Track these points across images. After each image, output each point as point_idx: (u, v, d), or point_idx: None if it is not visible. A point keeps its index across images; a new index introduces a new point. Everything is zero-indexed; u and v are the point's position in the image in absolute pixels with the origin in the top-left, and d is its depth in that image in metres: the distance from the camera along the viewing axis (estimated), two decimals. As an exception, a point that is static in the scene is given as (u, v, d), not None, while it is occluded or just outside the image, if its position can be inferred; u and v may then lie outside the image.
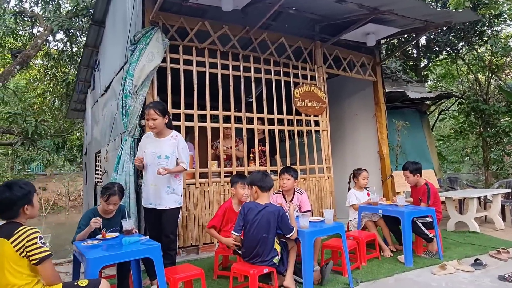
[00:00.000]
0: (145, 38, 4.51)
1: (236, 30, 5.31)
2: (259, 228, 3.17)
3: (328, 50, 6.26)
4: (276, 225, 3.18)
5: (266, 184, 3.32)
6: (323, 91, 6.05)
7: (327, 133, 6.03)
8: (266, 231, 3.15)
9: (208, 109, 4.99)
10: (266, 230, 3.15)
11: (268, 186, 3.34)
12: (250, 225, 3.23)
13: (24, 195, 2.25)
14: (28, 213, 2.29)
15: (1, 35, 11.98)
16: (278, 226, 3.20)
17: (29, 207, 2.28)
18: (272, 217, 3.16)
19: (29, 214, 2.30)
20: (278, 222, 3.17)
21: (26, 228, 2.17)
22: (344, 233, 3.65)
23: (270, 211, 3.20)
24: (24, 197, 2.25)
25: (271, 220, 3.16)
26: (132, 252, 2.75)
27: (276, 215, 3.17)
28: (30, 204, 2.29)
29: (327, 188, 5.88)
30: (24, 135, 8.89)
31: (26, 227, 2.18)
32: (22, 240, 2.11)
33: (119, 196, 3.23)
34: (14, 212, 2.23)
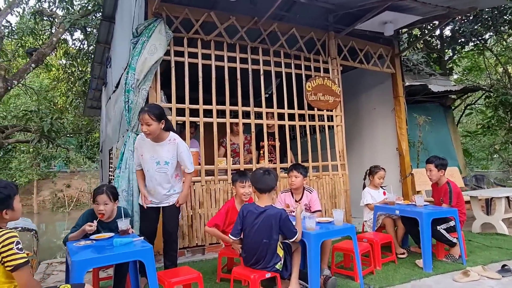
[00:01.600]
0: (147, 31, 4.34)
1: (244, 21, 5.07)
2: (259, 232, 2.94)
3: (342, 41, 5.94)
4: (278, 230, 2.93)
5: (263, 186, 3.06)
6: (337, 84, 5.74)
7: (341, 128, 5.72)
8: (267, 236, 2.92)
9: (214, 104, 4.79)
10: (266, 235, 2.92)
11: (266, 188, 3.06)
12: (249, 229, 3.00)
13: (1, 200, 2.10)
14: (8, 217, 2.14)
15: (21, 34, 12.21)
16: (281, 230, 2.95)
17: (8, 211, 2.13)
18: (273, 221, 2.92)
19: (9, 218, 2.15)
20: (280, 226, 2.93)
21: (2, 231, 2.00)
22: (355, 236, 3.37)
23: (270, 214, 2.95)
24: (1, 203, 2.10)
25: (272, 224, 2.92)
26: (122, 254, 2.58)
27: (278, 219, 2.92)
28: (10, 209, 2.14)
29: (341, 187, 5.58)
30: (40, 132, 8.97)
31: (2, 230, 2.01)
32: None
33: (108, 195, 3.02)
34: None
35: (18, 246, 2.00)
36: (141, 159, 3.50)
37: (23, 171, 15.16)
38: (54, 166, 25.83)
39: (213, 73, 4.83)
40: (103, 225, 3.10)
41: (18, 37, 12.37)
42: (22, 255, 2.00)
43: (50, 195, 25.65)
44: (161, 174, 3.42)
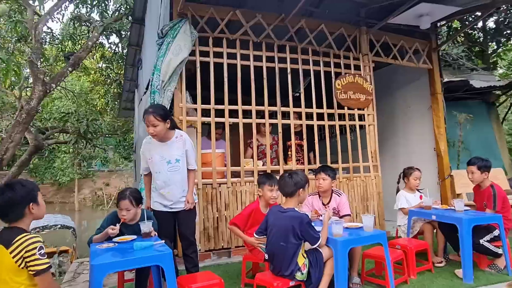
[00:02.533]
0: (172, 31, 4.32)
1: (271, 18, 4.95)
2: (277, 234, 2.84)
3: (375, 36, 5.66)
4: (297, 235, 2.78)
5: (286, 189, 2.96)
6: (369, 82, 5.48)
7: (373, 128, 5.46)
8: (284, 239, 2.79)
9: (240, 104, 4.70)
10: (283, 238, 2.79)
11: (288, 191, 2.95)
12: (270, 230, 2.93)
13: (27, 193, 2.11)
14: (34, 212, 2.13)
15: (61, 40, 12.75)
16: (302, 236, 2.81)
17: (34, 206, 2.13)
18: (291, 225, 2.78)
19: (35, 213, 2.14)
20: (300, 231, 2.78)
21: (26, 237, 1.99)
22: (386, 243, 3.16)
23: (291, 217, 2.82)
24: (28, 195, 2.11)
25: (291, 227, 2.78)
26: (141, 259, 2.53)
27: (297, 224, 2.77)
28: (36, 203, 2.14)
29: (374, 189, 5.31)
30: (77, 133, 9.31)
31: (26, 235, 2.00)
32: (21, 251, 1.95)
33: (131, 201, 3.00)
34: (19, 213, 2.08)
35: (40, 252, 2.00)
36: (150, 163, 3.43)
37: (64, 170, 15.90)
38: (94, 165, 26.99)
39: (238, 72, 4.74)
40: (127, 227, 3.09)
41: (58, 42, 12.94)
42: (44, 261, 2.00)
43: (90, 193, 26.82)
44: (174, 173, 3.35)
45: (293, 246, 2.80)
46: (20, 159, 8.92)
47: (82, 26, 13.05)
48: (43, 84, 8.00)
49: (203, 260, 4.31)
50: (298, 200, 3.04)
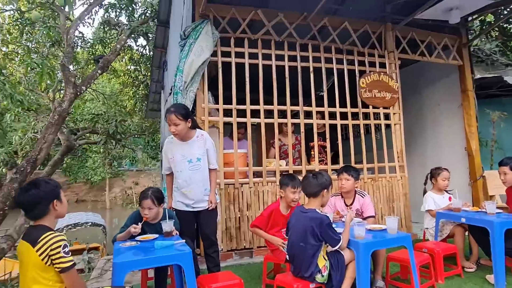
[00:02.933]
0: (194, 32, 4.37)
1: (293, 17, 4.90)
2: (296, 235, 2.82)
3: (401, 33, 5.50)
4: (316, 236, 2.73)
5: (308, 189, 2.94)
6: (394, 80, 5.32)
7: (399, 127, 5.30)
8: (303, 239, 2.76)
9: (262, 104, 4.69)
10: (302, 238, 2.76)
11: (310, 191, 2.92)
12: (290, 230, 2.91)
13: (51, 190, 2.18)
14: (58, 209, 2.20)
15: (92, 43, 13.18)
16: (322, 237, 2.76)
17: (57, 203, 2.20)
18: (311, 226, 2.74)
19: (58, 210, 2.21)
20: (320, 233, 2.73)
21: (51, 235, 2.06)
22: (411, 246, 3.06)
23: (311, 217, 2.78)
24: (51, 192, 2.18)
25: (309, 229, 2.74)
26: (161, 257, 2.57)
27: (316, 224, 2.73)
28: (59, 200, 2.21)
29: (400, 190, 5.16)
30: (106, 134, 9.60)
31: (51, 233, 2.08)
32: (46, 249, 2.02)
33: (153, 200, 3.06)
34: (43, 210, 2.14)
35: (65, 250, 2.06)
36: (171, 162, 3.46)
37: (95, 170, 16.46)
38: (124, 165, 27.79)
39: (260, 72, 4.73)
40: (149, 226, 3.15)
41: (89, 46, 13.38)
42: (68, 259, 2.07)
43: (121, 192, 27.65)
44: (195, 172, 3.38)
45: (313, 247, 2.75)
46: (53, 159, 9.28)
47: (111, 30, 13.46)
48: (74, 86, 8.26)
49: (225, 259, 4.33)
50: (321, 202, 2.98)
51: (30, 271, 2.04)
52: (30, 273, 2.04)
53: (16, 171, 7.18)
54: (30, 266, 2.04)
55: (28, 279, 2.05)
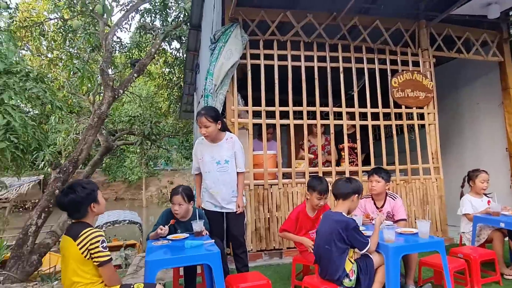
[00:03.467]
0: (224, 36, 4.45)
1: (322, 17, 4.87)
2: (322, 237, 2.82)
3: (436, 30, 5.31)
4: (343, 239, 2.71)
5: (336, 191, 2.95)
6: (429, 78, 5.15)
7: (434, 127, 5.12)
8: (328, 242, 2.75)
9: (291, 106, 4.70)
10: (328, 241, 2.75)
11: (342, 193, 2.91)
12: (317, 232, 2.93)
13: (88, 194, 2.32)
14: (95, 210, 2.37)
15: (129, 47, 13.71)
16: (349, 241, 2.74)
17: (95, 205, 2.36)
18: (337, 229, 2.72)
19: (96, 211, 2.38)
20: (347, 236, 2.72)
21: (91, 231, 2.22)
22: (444, 251, 2.96)
23: (336, 221, 2.77)
24: (88, 196, 2.32)
25: (335, 232, 2.72)
26: (190, 257, 2.66)
27: (342, 228, 2.71)
28: (96, 202, 2.36)
29: (435, 192, 4.99)
30: (142, 135, 9.96)
31: (91, 229, 2.23)
32: (86, 243, 2.17)
33: (183, 197, 3.16)
34: (83, 212, 2.32)
35: (103, 245, 2.21)
36: (201, 163, 3.56)
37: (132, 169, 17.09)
38: (160, 164, 28.63)
39: (289, 74, 4.74)
40: (179, 224, 3.26)
41: (127, 50, 13.92)
42: (106, 253, 2.22)
43: (156, 191, 28.48)
44: (223, 173, 3.46)
45: (339, 250, 2.73)
46: (93, 159, 9.75)
47: (147, 34, 13.91)
48: (112, 90, 8.64)
49: (255, 260, 4.38)
50: (349, 206, 2.96)
51: (71, 264, 2.19)
52: (71, 266, 2.20)
53: (60, 171, 7.61)
54: (71, 259, 2.19)
55: (69, 271, 2.20)
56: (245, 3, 4.58)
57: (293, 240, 3.48)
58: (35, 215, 6.85)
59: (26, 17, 12.12)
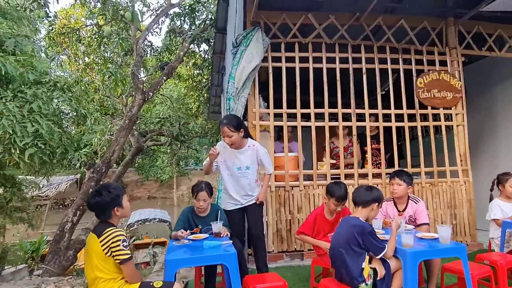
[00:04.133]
0: (245, 40, 4.53)
1: (344, 18, 4.83)
2: (337, 240, 2.82)
3: (465, 27, 5.12)
4: (358, 244, 2.71)
5: (355, 198, 2.95)
6: (457, 78, 4.98)
7: (463, 128, 4.94)
8: (342, 246, 2.75)
9: (312, 108, 4.70)
10: (342, 244, 2.76)
11: (363, 200, 2.90)
12: (334, 235, 2.94)
13: (112, 199, 2.47)
14: (119, 214, 2.51)
15: (160, 51, 14.11)
16: (365, 245, 2.73)
17: (119, 209, 2.50)
18: (352, 233, 2.72)
19: (119, 214, 2.52)
20: (363, 241, 2.71)
21: (114, 230, 2.36)
22: (466, 257, 2.88)
23: (352, 225, 2.78)
24: (113, 201, 2.47)
25: (351, 236, 2.72)
26: (207, 257, 2.76)
27: (358, 232, 2.70)
28: (120, 206, 2.50)
29: (463, 196, 4.82)
30: (171, 136, 10.25)
31: (113, 229, 2.38)
32: (108, 241, 2.31)
33: (207, 192, 3.31)
34: (107, 214, 2.47)
35: (124, 244, 2.35)
36: (221, 164, 3.67)
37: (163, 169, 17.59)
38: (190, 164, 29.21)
39: (311, 76, 4.74)
40: (199, 219, 3.39)
41: (157, 53, 14.34)
42: (126, 252, 2.35)
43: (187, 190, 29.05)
44: (243, 178, 3.61)
45: (354, 254, 2.73)
46: (125, 159, 10.14)
47: (176, 38, 14.27)
48: (142, 93, 8.97)
49: (276, 261, 4.43)
50: (368, 214, 2.94)
51: (94, 260, 2.35)
52: (93, 261, 2.35)
53: (93, 171, 7.97)
54: (94, 256, 2.35)
55: (92, 266, 2.36)
56: (267, 7, 4.62)
57: (310, 243, 3.50)
58: (70, 213, 7.24)
59: (64, 24, 12.80)
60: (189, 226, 3.40)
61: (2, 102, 1.80)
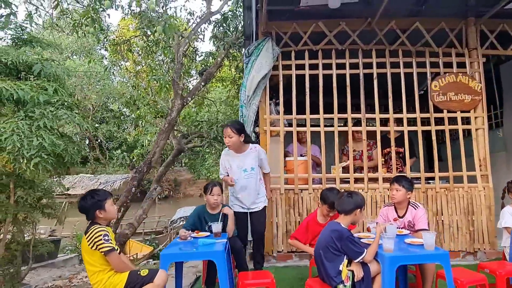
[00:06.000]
0: (257, 50, 4.78)
1: (356, 24, 4.88)
2: (319, 242, 3.02)
3: (487, 26, 4.90)
4: (335, 247, 2.88)
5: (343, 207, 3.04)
6: (477, 80, 4.80)
7: (483, 132, 4.75)
8: (322, 248, 2.93)
9: (322, 113, 4.83)
10: (321, 247, 2.94)
11: (345, 209, 3.01)
12: (318, 238, 3.13)
13: (94, 203, 2.81)
14: (102, 216, 2.83)
15: (204, 57, 14.80)
16: (343, 249, 2.88)
17: (101, 212, 2.83)
18: (330, 236, 2.89)
19: (103, 216, 2.84)
20: (341, 245, 2.86)
21: (96, 227, 2.72)
22: (448, 264, 2.89)
23: (331, 229, 2.95)
24: (94, 205, 2.81)
25: (329, 239, 2.89)
26: (198, 253, 3.09)
27: (336, 237, 2.87)
28: (102, 209, 2.83)
29: (482, 202, 4.64)
30: (209, 138, 10.78)
31: (96, 226, 2.74)
32: (92, 237, 2.69)
33: (220, 187, 3.72)
34: (91, 215, 2.83)
35: (105, 238, 2.69)
36: (229, 171, 4.03)
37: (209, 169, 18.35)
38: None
39: (320, 82, 4.88)
40: (210, 216, 3.74)
41: (202, 59, 15.04)
42: (107, 244, 2.68)
43: (234, 189, 29.85)
44: (249, 180, 3.93)
45: (332, 256, 2.89)
46: (166, 161, 10.85)
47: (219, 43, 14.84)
48: (181, 98, 9.55)
49: (285, 260, 4.65)
50: (352, 219, 3.08)
51: (84, 255, 2.76)
52: (85, 257, 2.76)
53: (136, 171, 8.70)
54: (84, 251, 2.76)
55: (85, 261, 2.77)
56: (277, 17, 4.83)
57: (301, 249, 3.70)
58: (115, 209, 8.01)
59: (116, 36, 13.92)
60: (199, 222, 3.76)
61: (15, 121, 2.26)
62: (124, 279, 2.75)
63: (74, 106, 2.66)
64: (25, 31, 3.22)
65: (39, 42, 3.26)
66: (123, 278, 2.75)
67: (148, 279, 2.77)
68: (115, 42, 13.04)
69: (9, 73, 2.97)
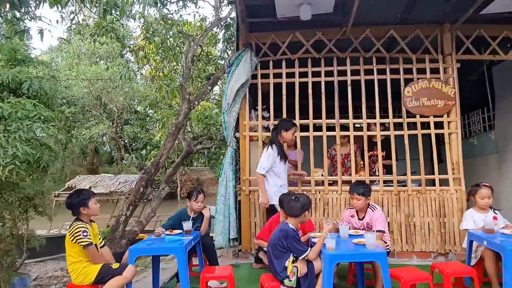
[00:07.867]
0: (237, 60, 5.10)
1: (332, 33, 5.10)
2: (270, 240, 3.35)
3: (463, 32, 4.97)
4: (282, 245, 3.20)
5: (292, 212, 3.36)
6: (450, 85, 4.90)
7: (456, 136, 4.85)
8: (271, 245, 3.27)
9: (298, 118, 5.08)
10: (271, 244, 3.28)
11: (295, 214, 3.33)
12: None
13: (78, 201, 3.21)
14: (85, 213, 3.24)
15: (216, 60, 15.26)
16: (288, 247, 3.18)
17: (85, 209, 3.23)
18: (278, 235, 3.23)
19: (86, 213, 3.24)
20: (286, 244, 3.19)
21: (77, 223, 3.13)
22: (385, 263, 3.10)
23: (279, 228, 3.30)
24: (78, 203, 3.21)
25: (276, 237, 3.23)
26: (161, 248, 3.48)
27: (283, 236, 3.19)
28: (86, 207, 3.23)
29: (454, 205, 4.74)
30: (217, 140, 11.19)
31: (78, 223, 3.14)
32: (72, 232, 3.10)
33: (204, 195, 4.15)
34: (76, 212, 3.24)
35: (84, 234, 3.10)
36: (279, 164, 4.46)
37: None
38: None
39: (296, 90, 5.13)
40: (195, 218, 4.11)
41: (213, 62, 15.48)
42: (85, 239, 3.09)
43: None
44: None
45: (279, 253, 3.21)
46: (176, 162, 11.35)
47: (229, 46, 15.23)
48: (188, 102, 10.00)
49: (263, 257, 4.94)
50: (301, 220, 3.44)
51: (66, 247, 3.17)
52: (67, 249, 3.17)
53: (144, 172, 9.22)
54: (66, 243, 3.17)
55: (66, 252, 3.19)
56: (257, 29, 5.13)
57: (265, 247, 3.99)
58: (124, 207, 8.53)
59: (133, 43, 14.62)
60: (179, 224, 4.12)
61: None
62: (96, 269, 3.16)
63: (50, 119, 3.08)
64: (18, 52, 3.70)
65: (31, 62, 3.74)
66: (96, 269, 3.16)
67: (118, 271, 3.16)
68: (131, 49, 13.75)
69: (2, 90, 3.46)
